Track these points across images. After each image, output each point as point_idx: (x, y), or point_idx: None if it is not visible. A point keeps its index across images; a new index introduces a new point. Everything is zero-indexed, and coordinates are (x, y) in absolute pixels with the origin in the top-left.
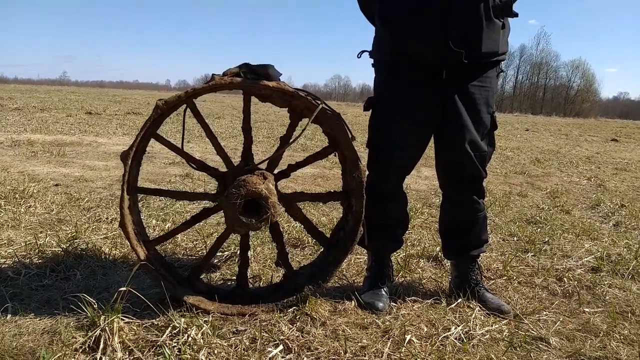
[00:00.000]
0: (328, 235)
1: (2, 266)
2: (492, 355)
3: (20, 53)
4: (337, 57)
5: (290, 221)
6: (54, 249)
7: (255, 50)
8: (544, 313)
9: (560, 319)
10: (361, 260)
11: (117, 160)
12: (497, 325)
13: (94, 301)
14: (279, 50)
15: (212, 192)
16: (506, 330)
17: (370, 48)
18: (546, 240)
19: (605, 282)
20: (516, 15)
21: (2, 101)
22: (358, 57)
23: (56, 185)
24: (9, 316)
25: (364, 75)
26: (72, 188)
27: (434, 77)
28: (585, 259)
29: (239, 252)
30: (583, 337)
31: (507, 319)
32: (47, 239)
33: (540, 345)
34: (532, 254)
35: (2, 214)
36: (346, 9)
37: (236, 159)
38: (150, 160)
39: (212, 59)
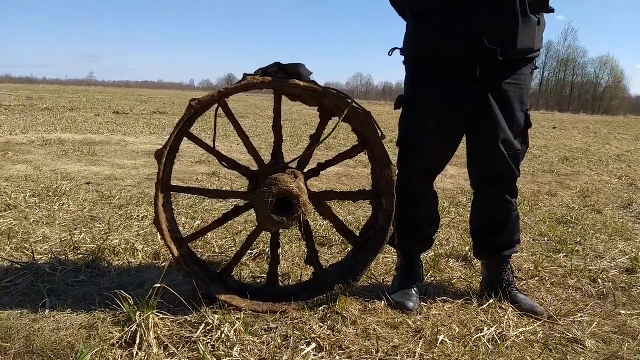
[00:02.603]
0: (356, 234)
1: (39, 262)
2: (527, 357)
3: (48, 54)
4: (358, 54)
5: (317, 220)
6: (88, 245)
7: (278, 49)
8: (579, 315)
9: (596, 321)
10: (390, 259)
11: (145, 159)
12: (531, 327)
13: (130, 297)
14: (300, 48)
15: (242, 191)
16: (541, 332)
17: (399, 45)
18: (578, 240)
19: None
20: (552, 10)
21: (32, 101)
22: (389, 55)
23: (87, 183)
24: (47, 311)
25: (386, 73)
26: (103, 186)
27: (467, 74)
28: (619, 260)
29: (269, 250)
30: (620, 340)
31: (541, 320)
32: (82, 235)
33: (576, 348)
34: (564, 254)
35: (37, 212)
36: (368, 5)
37: (262, 158)
38: (177, 159)
39: (235, 59)
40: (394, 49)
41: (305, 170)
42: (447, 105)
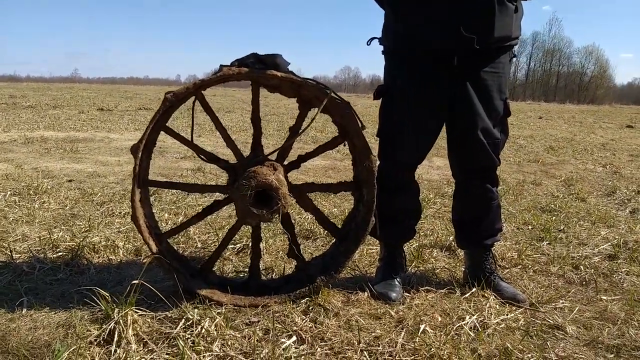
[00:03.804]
0: (339, 226)
1: (17, 261)
2: (508, 344)
3: (32, 51)
4: (346, 48)
5: (301, 213)
6: (67, 243)
7: (264, 42)
8: (561, 301)
9: (577, 307)
10: (373, 250)
11: (129, 156)
12: (512, 314)
13: (108, 294)
14: (287, 42)
15: (223, 185)
16: (522, 319)
17: (379, 35)
18: (561, 228)
19: (623, 270)
20: None
21: (15, 99)
22: (367, 44)
23: (69, 181)
24: (24, 310)
25: (373, 65)
26: (85, 183)
27: (445, 64)
28: (602, 247)
29: (250, 243)
30: (600, 325)
31: (522, 307)
32: (61, 233)
33: (557, 334)
34: (547, 242)
35: (16, 210)
36: None
37: (247, 152)
38: (162, 155)
39: (222, 53)
40: (372, 38)
41: (285, 163)
42: (426, 94)
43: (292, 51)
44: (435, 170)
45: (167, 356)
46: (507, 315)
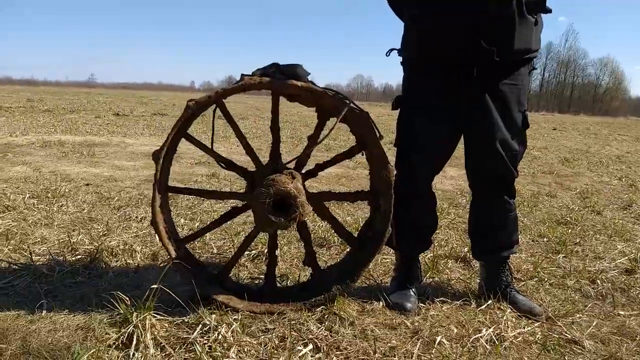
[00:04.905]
0: (354, 235)
1: (37, 263)
2: (525, 358)
3: (49, 55)
4: (359, 57)
5: (315, 221)
6: (86, 246)
7: (278, 51)
8: (578, 315)
9: (595, 322)
10: (388, 260)
11: (144, 160)
12: (529, 328)
13: (127, 298)
14: (301, 50)
15: (241, 192)
16: (539, 333)
17: (398, 46)
18: (577, 241)
19: None
20: (550, 11)
21: (33, 103)
22: (387, 55)
23: (87, 184)
24: (44, 312)
25: (386, 74)
26: (102, 187)
27: (464, 75)
28: (619, 261)
29: (267, 250)
30: (618, 341)
31: (539, 321)
32: (80, 237)
33: (575, 349)
34: (563, 255)
35: (35, 213)
36: (368, 8)
37: (261, 159)
38: (176, 160)
39: (236, 61)
40: (392, 49)
41: (303, 171)
42: (445, 106)
43: (305, 59)
44: (448, 180)
45: None
46: (523, 328)
